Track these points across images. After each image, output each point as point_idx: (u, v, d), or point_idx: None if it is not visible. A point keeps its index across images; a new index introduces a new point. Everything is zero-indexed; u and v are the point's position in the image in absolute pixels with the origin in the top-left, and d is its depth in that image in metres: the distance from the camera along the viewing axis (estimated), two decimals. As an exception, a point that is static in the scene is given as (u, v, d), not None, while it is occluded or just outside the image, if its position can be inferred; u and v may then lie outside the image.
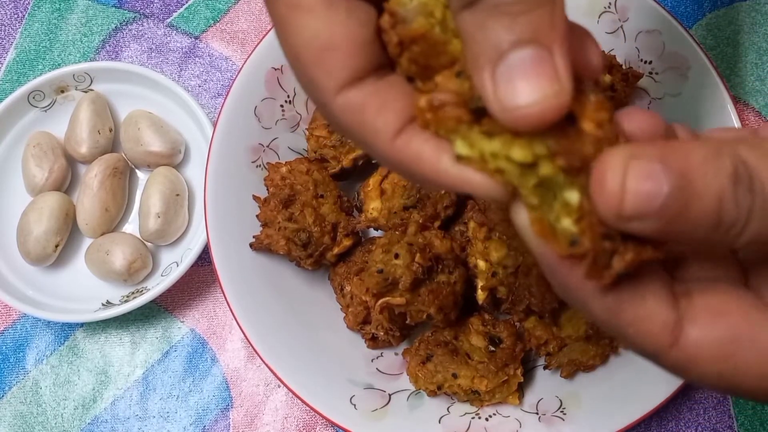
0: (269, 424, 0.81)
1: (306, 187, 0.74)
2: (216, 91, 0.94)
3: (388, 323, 0.68)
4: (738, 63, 0.89)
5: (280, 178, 0.75)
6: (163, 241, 0.84)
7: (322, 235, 0.73)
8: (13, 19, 0.99)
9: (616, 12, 0.77)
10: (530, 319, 0.72)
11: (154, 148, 0.85)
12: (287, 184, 0.74)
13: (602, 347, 0.71)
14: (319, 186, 0.75)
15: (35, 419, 0.83)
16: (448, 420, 0.71)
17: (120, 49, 0.96)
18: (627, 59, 0.78)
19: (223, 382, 0.83)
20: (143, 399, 0.83)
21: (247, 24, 0.96)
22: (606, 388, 0.70)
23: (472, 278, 0.70)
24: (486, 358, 0.71)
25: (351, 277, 0.72)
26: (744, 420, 0.78)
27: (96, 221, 0.83)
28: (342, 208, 0.76)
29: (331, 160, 0.77)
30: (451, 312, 0.69)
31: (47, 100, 0.89)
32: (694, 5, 0.92)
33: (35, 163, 0.85)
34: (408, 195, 0.72)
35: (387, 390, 0.73)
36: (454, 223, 0.76)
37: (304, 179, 0.74)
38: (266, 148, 0.79)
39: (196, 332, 0.85)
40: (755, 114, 0.87)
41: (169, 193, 0.83)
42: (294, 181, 0.74)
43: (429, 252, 0.67)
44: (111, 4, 0.98)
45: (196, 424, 0.82)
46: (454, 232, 0.75)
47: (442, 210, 0.73)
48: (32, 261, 0.83)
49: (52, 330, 0.86)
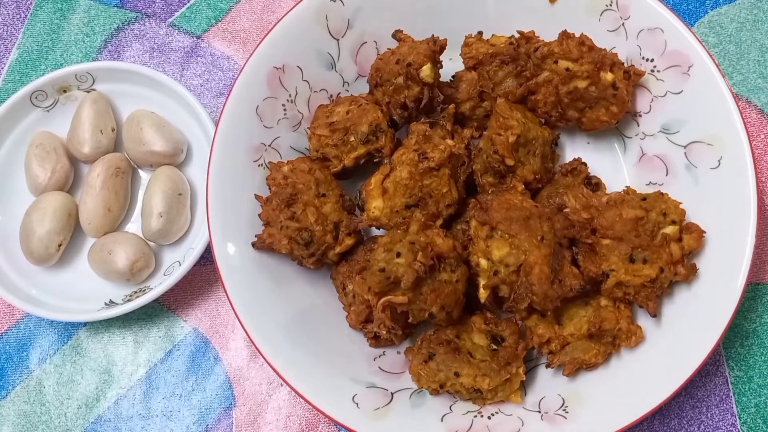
0: (272, 422, 0.81)
1: (308, 186, 0.74)
2: (218, 90, 0.94)
3: (390, 322, 0.68)
4: (740, 60, 0.89)
5: (282, 177, 0.75)
6: (165, 241, 0.84)
7: (324, 234, 0.73)
8: (15, 19, 0.99)
9: (617, 10, 0.77)
10: (532, 317, 0.72)
11: (156, 147, 0.85)
12: (289, 183, 0.74)
13: (604, 345, 0.71)
14: (321, 185, 0.75)
15: (39, 418, 0.83)
16: (451, 418, 0.71)
17: (122, 48, 0.96)
18: (629, 57, 0.78)
19: (225, 381, 0.83)
20: (146, 398, 0.83)
21: (248, 23, 0.96)
22: (608, 386, 0.70)
23: (474, 277, 0.70)
24: (488, 357, 0.71)
25: (353, 276, 0.73)
26: (747, 418, 0.78)
27: (99, 221, 0.84)
28: (344, 207, 0.76)
29: (333, 159, 0.77)
30: (453, 310, 0.69)
31: (50, 100, 0.89)
32: (696, 3, 0.92)
33: (38, 163, 0.85)
34: (410, 194, 0.72)
35: (389, 388, 0.73)
36: (456, 222, 0.76)
37: (306, 178, 0.74)
38: (268, 147, 0.79)
39: (199, 331, 0.85)
40: (757, 111, 0.87)
41: (172, 192, 0.83)
42: (296, 180, 0.74)
43: (431, 251, 0.67)
44: (113, 4, 0.98)
45: (199, 423, 0.82)
46: (456, 231, 0.75)
47: (443, 209, 0.73)
48: (35, 261, 0.83)
49: (55, 329, 0.87)
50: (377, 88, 0.78)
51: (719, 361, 0.79)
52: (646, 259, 0.68)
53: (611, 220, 0.68)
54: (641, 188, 0.75)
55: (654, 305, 0.69)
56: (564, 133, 0.83)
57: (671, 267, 0.68)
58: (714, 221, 0.70)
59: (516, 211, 0.68)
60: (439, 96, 0.76)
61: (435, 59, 0.75)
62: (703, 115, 0.73)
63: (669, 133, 0.76)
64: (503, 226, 0.67)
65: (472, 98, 0.79)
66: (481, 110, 0.80)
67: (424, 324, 0.73)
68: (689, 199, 0.71)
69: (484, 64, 0.79)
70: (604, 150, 0.82)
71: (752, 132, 0.86)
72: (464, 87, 0.79)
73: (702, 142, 0.73)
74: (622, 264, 0.69)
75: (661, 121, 0.77)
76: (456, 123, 0.79)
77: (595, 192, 0.75)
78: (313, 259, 0.74)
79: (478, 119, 0.80)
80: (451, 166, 0.73)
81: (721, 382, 0.79)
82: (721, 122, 0.72)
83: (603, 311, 0.71)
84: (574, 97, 0.75)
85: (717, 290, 0.68)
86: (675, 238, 0.69)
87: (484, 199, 0.71)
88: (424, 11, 0.82)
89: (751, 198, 0.69)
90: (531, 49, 0.75)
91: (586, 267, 0.70)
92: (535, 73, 0.75)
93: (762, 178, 0.85)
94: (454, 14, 0.83)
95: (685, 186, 0.74)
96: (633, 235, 0.68)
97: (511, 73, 0.78)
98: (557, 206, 0.73)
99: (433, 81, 0.74)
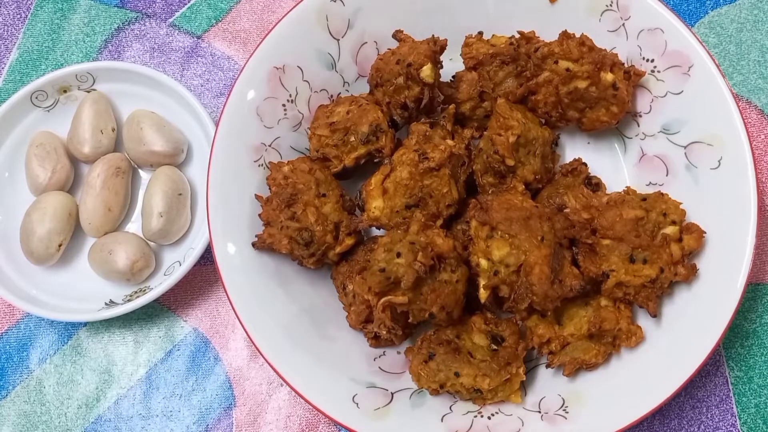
0: (272, 422, 0.81)
1: (308, 186, 0.74)
2: (218, 90, 0.94)
3: (391, 322, 0.68)
4: (741, 61, 0.89)
5: (283, 178, 0.75)
6: (165, 241, 0.84)
7: (324, 234, 0.73)
8: (15, 19, 0.99)
9: (618, 10, 0.77)
10: (532, 317, 0.72)
11: (156, 147, 0.85)
12: (289, 183, 0.74)
13: (604, 346, 0.71)
14: (322, 185, 0.75)
15: (39, 418, 0.83)
16: (451, 418, 0.71)
17: (122, 48, 0.96)
18: (629, 57, 0.78)
19: (226, 381, 0.83)
20: (146, 398, 0.83)
21: (249, 23, 0.96)
22: (608, 386, 0.70)
23: (474, 277, 0.70)
24: (488, 357, 0.71)
25: (353, 276, 0.73)
26: (747, 418, 0.78)
27: (99, 221, 0.84)
28: (344, 207, 0.76)
29: (334, 159, 0.77)
30: (454, 311, 0.69)
31: (50, 100, 0.89)
32: (697, 3, 0.92)
33: (38, 163, 0.85)
34: (410, 194, 0.72)
35: (389, 388, 0.73)
36: (456, 222, 0.76)
37: (306, 178, 0.74)
38: (268, 148, 0.79)
39: (199, 331, 0.85)
40: (758, 112, 0.87)
41: (172, 192, 0.83)
42: (296, 180, 0.74)
43: (431, 251, 0.67)
44: (113, 4, 0.98)
45: (199, 422, 0.82)
46: (456, 231, 0.75)
47: (444, 209, 0.73)
48: (35, 260, 0.83)
49: (56, 329, 0.87)
50: (377, 88, 0.78)
51: (719, 362, 0.79)
52: (646, 259, 0.68)
53: (611, 221, 0.68)
54: (641, 188, 0.75)
55: (654, 305, 0.69)
56: (564, 133, 0.83)
57: (671, 267, 0.68)
58: (714, 221, 0.70)
59: (516, 211, 0.68)
60: (439, 96, 0.76)
61: (435, 59, 0.75)
62: (704, 116, 0.73)
63: (669, 133, 0.76)
64: (503, 227, 0.67)
65: (473, 98, 0.79)
66: (481, 110, 0.80)
67: (424, 324, 0.73)
68: (689, 200, 0.71)
69: (485, 65, 0.79)
70: (604, 150, 0.82)
71: (752, 132, 0.86)
72: (464, 87, 0.79)
73: (702, 142, 0.73)
74: (622, 264, 0.69)
75: (661, 122, 0.77)
76: (456, 123, 0.79)
77: (596, 192, 0.75)
78: (313, 259, 0.74)
79: (478, 119, 0.80)
80: (452, 166, 0.73)
81: (721, 383, 0.79)
82: (721, 122, 0.72)
83: (603, 311, 0.71)
84: (574, 97, 0.75)
85: (717, 290, 0.68)
86: (675, 239, 0.69)
87: (485, 199, 0.71)
88: (424, 11, 0.82)
89: (751, 198, 0.69)
90: (531, 49, 0.75)
91: (586, 267, 0.70)
92: (536, 74, 0.75)
93: (762, 178, 0.85)
94: (454, 14, 0.83)
95: (686, 186, 0.74)
96: (633, 235, 0.68)
97: (512, 73, 0.78)
98: (557, 206, 0.73)
99: (433, 81, 0.74)
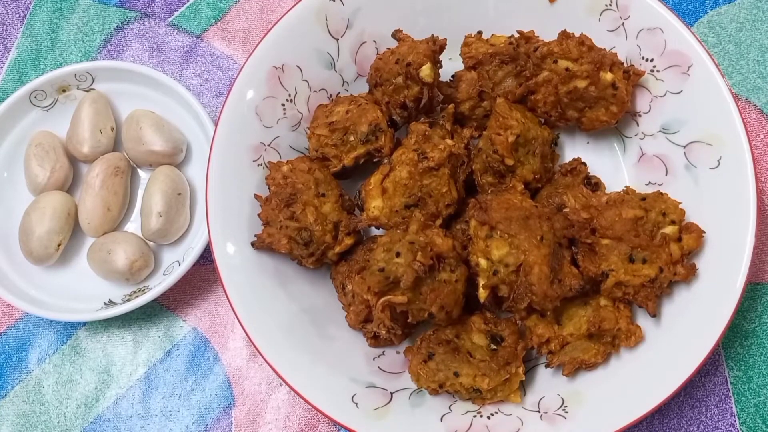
0: (271, 422, 0.81)
1: (307, 186, 0.74)
2: (217, 90, 0.94)
3: (390, 322, 0.68)
4: (740, 60, 0.89)
5: (282, 177, 0.75)
6: (164, 240, 0.84)
7: (323, 234, 0.73)
8: (14, 19, 0.99)
9: (617, 10, 0.77)
10: (532, 317, 0.72)
11: (155, 147, 0.85)
12: (289, 183, 0.74)
13: (604, 345, 0.71)
14: (321, 185, 0.75)
15: (38, 418, 0.83)
16: (450, 418, 0.71)
17: (121, 48, 0.96)
18: (628, 57, 0.78)
19: (225, 381, 0.83)
20: (146, 398, 0.83)
21: (248, 23, 0.96)
22: (608, 386, 0.70)
23: (474, 277, 0.70)
24: (488, 357, 0.71)
25: (352, 275, 0.72)
26: (746, 418, 0.78)
27: (98, 220, 0.84)
28: (343, 207, 0.76)
29: (333, 158, 0.77)
30: (453, 310, 0.69)
31: (49, 99, 0.89)
32: (696, 3, 0.92)
33: (37, 163, 0.85)
34: (409, 193, 0.72)
35: (389, 388, 0.73)
36: (456, 222, 0.76)
37: (305, 178, 0.74)
38: (267, 147, 0.79)
39: (198, 331, 0.85)
40: (757, 112, 0.87)
41: (171, 192, 0.83)
42: (295, 179, 0.74)
43: (430, 250, 0.67)
44: (112, 4, 0.98)
45: (198, 422, 0.82)
46: (456, 231, 0.75)
47: (443, 208, 0.73)
48: (34, 260, 0.83)
49: (55, 329, 0.87)
50: (377, 88, 0.78)
51: (718, 361, 0.80)
52: (645, 259, 0.68)
53: (611, 220, 0.68)
54: (641, 188, 0.75)
55: (653, 305, 0.69)
56: (564, 133, 0.83)
57: (671, 267, 0.68)
58: (713, 221, 0.70)
59: (515, 210, 0.68)
60: (438, 96, 0.76)
61: (435, 59, 0.75)
62: (703, 115, 0.73)
63: (668, 133, 0.76)
64: (503, 226, 0.67)
65: (472, 98, 0.79)
66: (480, 110, 0.80)
67: (423, 324, 0.73)
68: (689, 199, 0.71)
69: (484, 64, 0.79)
70: (604, 150, 0.82)
71: (752, 132, 0.86)
72: (464, 87, 0.79)
73: (701, 142, 0.73)
74: (622, 264, 0.69)
75: (660, 121, 0.77)
76: (456, 123, 0.79)
77: (595, 192, 0.75)
78: (312, 259, 0.74)
79: (477, 119, 0.80)
80: (451, 165, 0.73)
81: (720, 382, 0.79)
82: (720, 122, 0.72)
83: (602, 311, 0.71)
84: (573, 96, 0.75)
85: (716, 290, 0.68)
86: (674, 238, 0.69)
87: (484, 198, 0.71)
88: (424, 11, 0.82)
89: (750, 198, 0.69)
90: (531, 48, 0.75)
91: (586, 267, 0.70)
92: (535, 73, 0.75)
93: (762, 178, 0.85)
94: (453, 14, 0.83)
95: (685, 186, 0.74)
96: (632, 235, 0.68)
97: (511, 72, 0.78)
98: (557, 206, 0.73)
99: (432, 81, 0.74)
